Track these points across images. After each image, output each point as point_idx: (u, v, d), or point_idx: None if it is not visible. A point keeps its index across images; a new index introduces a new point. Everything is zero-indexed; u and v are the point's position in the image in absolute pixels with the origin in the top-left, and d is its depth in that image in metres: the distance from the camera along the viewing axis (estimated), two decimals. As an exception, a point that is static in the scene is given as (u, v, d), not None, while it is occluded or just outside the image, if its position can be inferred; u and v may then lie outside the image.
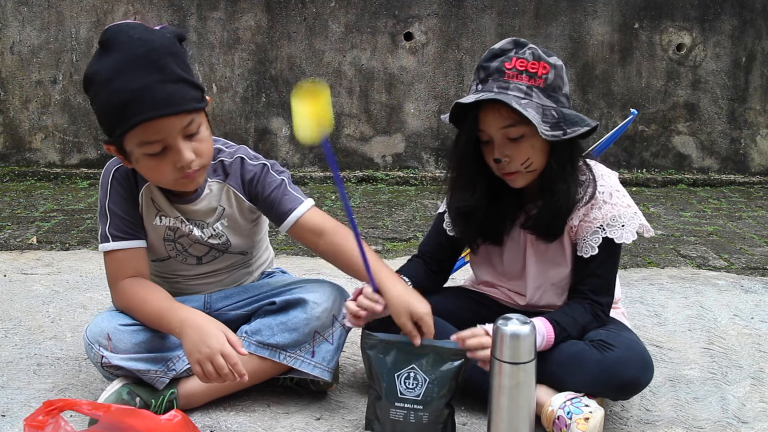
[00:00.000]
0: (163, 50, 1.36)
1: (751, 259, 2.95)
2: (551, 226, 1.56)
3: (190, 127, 1.41)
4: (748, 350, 2.00)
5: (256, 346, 1.58)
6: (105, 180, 1.58)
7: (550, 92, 1.48)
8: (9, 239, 3.10)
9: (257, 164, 1.62)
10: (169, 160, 1.42)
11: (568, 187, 1.52)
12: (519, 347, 1.35)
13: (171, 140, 1.40)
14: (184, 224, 1.61)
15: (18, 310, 2.23)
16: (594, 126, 1.50)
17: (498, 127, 1.49)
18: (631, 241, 1.55)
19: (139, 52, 1.34)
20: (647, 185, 4.64)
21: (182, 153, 1.41)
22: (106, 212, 1.56)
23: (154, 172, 1.46)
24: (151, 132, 1.37)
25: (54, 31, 4.54)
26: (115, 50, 1.35)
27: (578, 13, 4.64)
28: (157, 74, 1.34)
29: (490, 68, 1.49)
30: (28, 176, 4.56)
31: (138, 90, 1.33)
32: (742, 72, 4.77)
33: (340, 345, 1.61)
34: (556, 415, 1.46)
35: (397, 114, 4.70)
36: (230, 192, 1.62)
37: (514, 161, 1.51)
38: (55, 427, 1.26)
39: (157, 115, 1.35)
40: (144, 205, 1.59)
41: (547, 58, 1.48)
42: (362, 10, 4.59)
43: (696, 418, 1.62)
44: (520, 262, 1.68)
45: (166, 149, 1.41)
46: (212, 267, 1.71)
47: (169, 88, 1.36)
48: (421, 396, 1.44)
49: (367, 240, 3.18)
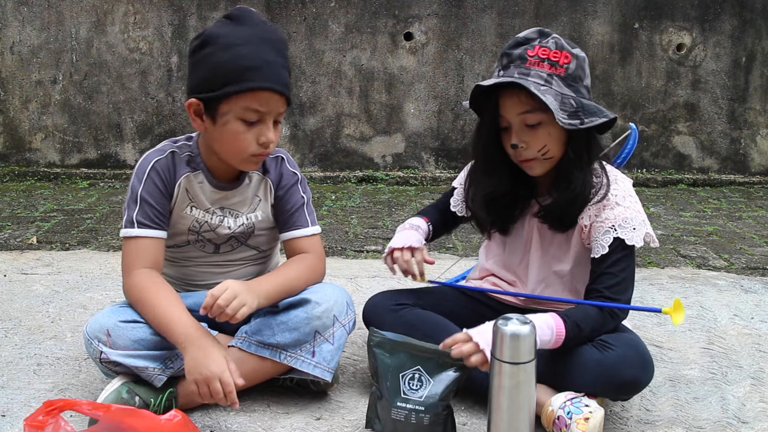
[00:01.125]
0: (284, 43, 1.55)
1: (751, 259, 2.95)
2: (565, 215, 1.57)
3: (281, 114, 1.54)
4: (748, 350, 2.00)
5: (256, 346, 1.58)
6: (142, 169, 1.61)
7: (571, 82, 1.49)
8: (9, 239, 3.10)
9: (293, 171, 1.73)
10: (256, 133, 1.51)
11: (584, 177, 1.54)
12: (519, 347, 1.35)
13: (268, 116, 1.51)
14: (215, 215, 1.67)
15: (18, 310, 2.23)
16: (613, 118, 1.51)
17: (516, 113, 1.51)
18: (640, 245, 1.55)
19: (269, 35, 1.50)
20: (647, 185, 4.64)
21: (270, 130, 1.52)
22: (137, 199, 1.59)
23: (236, 140, 1.51)
24: (261, 101, 1.48)
25: (54, 31, 4.54)
26: (246, 24, 1.48)
27: (578, 13, 4.64)
28: (281, 58, 1.50)
29: (513, 55, 1.51)
30: (28, 176, 4.56)
31: (266, 62, 1.47)
32: (742, 72, 4.77)
33: (340, 345, 1.61)
34: (556, 415, 1.46)
35: (397, 114, 4.70)
36: (268, 185, 1.70)
37: (531, 147, 1.52)
38: (55, 427, 1.26)
39: (276, 88, 1.48)
40: (178, 195, 1.63)
41: (570, 48, 1.50)
42: (362, 10, 4.59)
43: (696, 418, 1.62)
44: (521, 251, 1.69)
45: (259, 123, 1.51)
46: (226, 258, 1.74)
47: (285, 73, 1.51)
48: (424, 397, 1.44)
49: (367, 240, 3.18)
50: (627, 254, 1.54)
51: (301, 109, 4.67)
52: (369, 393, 1.64)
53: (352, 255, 2.95)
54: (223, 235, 1.69)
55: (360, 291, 2.42)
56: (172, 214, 1.65)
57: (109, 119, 4.65)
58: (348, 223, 3.50)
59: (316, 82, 4.65)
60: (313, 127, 4.71)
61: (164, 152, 1.62)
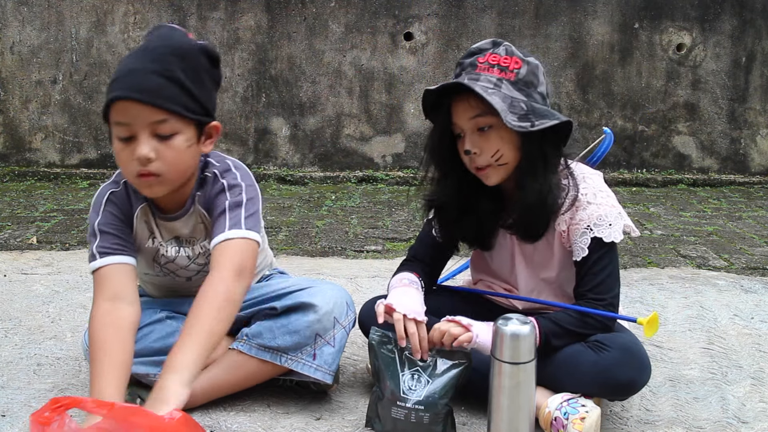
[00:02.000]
0: (175, 51, 1.39)
1: (751, 259, 2.95)
2: (529, 225, 1.55)
3: (161, 126, 1.39)
4: (748, 350, 2.00)
5: (257, 349, 1.57)
6: (98, 201, 1.56)
7: (522, 86, 1.48)
8: (9, 239, 3.10)
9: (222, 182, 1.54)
10: (131, 150, 1.39)
11: (540, 185, 1.50)
12: (519, 347, 1.35)
13: (138, 129, 1.38)
14: (171, 246, 1.59)
15: (18, 310, 2.23)
16: (565, 121, 1.48)
17: (467, 118, 1.50)
18: (620, 240, 1.53)
19: (154, 45, 1.40)
20: (647, 185, 4.64)
21: (142, 144, 1.38)
22: (96, 232, 1.52)
23: (119, 159, 1.43)
24: (121, 112, 1.37)
25: (54, 31, 4.54)
26: (145, 40, 1.44)
27: (578, 13, 4.64)
28: (152, 65, 1.36)
29: (465, 63, 1.53)
30: (28, 176, 4.56)
31: (130, 71, 1.37)
32: (742, 72, 4.77)
33: (341, 347, 1.60)
34: (553, 416, 1.47)
35: (397, 114, 4.70)
36: (200, 211, 1.57)
37: (484, 153, 1.50)
38: (60, 424, 1.26)
39: (130, 96, 1.35)
40: (137, 226, 1.57)
41: (522, 55, 1.50)
42: (362, 10, 4.59)
43: (696, 418, 1.62)
44: (508, 264, 1.68)
45: (132, 138, 1.39)
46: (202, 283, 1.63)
47: (154, 79, 1.36)
48: (423, 397, 1.44)
49: (367, 240, 3.18)
50: (607, 251, 1.53)
51: (301, 109, 4.67)
52: (369, 393, 1.64)
53: (352, 255, 2.95)
54: (184, 266, 1.63)
55: (360, 291, 2.42)
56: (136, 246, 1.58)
57: (109, 119, 4.65)
58: (348, 223, 3.50)
59: (316, 82, 4.65)
60: (313, 127, 4.71)
61: (118, 184, 1.56)
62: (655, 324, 1.52)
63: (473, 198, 1.62)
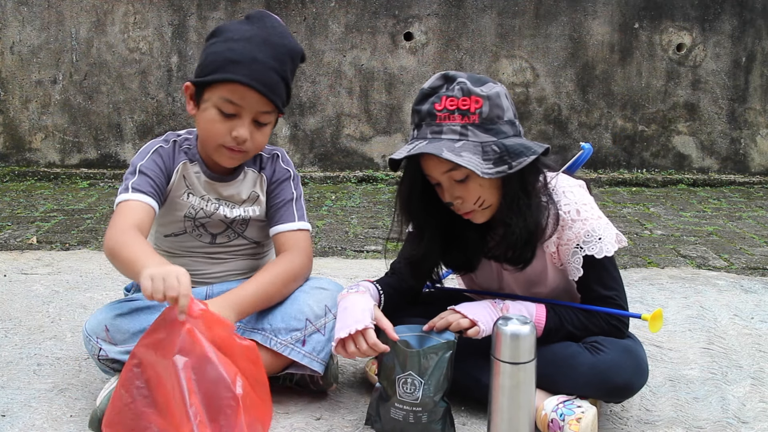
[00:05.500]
0: (290, 53, 1.58)
1: (751, 259, 2.95)
2: (514, 256, 1.51)
3: (264, 116, 1.58)
4: (748, 350, 2.00)
5: (250, 332, 1.60)
6: (146, 150, 1.66)
7: (489, 125, 1.41)
8: (9, 239, 3.10)
9: (285, 168, 1.76)
10: (230, 126, 1.55)
11: (524, 219, 1.46)
12: (519, 347, 1.35)
13: (245, 112, 1.55)
14: (210, 203, 1.70)
15: (18, 310, 2.23)
16: (543, 150, 1.43)
17: (440, 172, 1.45)
18: (613, 252, 1.49)
19: (274, 40, 1.55)
20: (647, 185, 4.64)
21: (244, 127, 1.56)
22: (136, 171, 1.61)
23: (210, 127, 1.57)
24: (236, 94, 1.53)
25: (54, 31, 4.54)
26: (255, 24, 1.56)
27: (578, 13, 4.64)
28: (274, 62, 1.54)
29: (422, 112, 1.43)
30: (28, 176, 4.56)
31: (253, 60, 1.52)
32: (742, 72, 4.77)
33: (331, 337, 1.60)
34: (550, 418, 1.47)
35: (397, 114, 4.70)
36: (263, 180, 1.74)
37: (467, 202, 1.47)
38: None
39: (253, 85, 1.51)
40: (175, 180, 1.67)
41: (478, 90, 1.40)
42: (362, 10, 4.59)
43: (696, 418, 1.62)
44: (495, 283, 1.67)
45: (235, 117, 1.55)
46: (222, 249, 1.76)
47: (274, 76, 1.54)
48: (419, 399, 1.44)
49: (367, 240, 3.18)
50: (603, 264, 1.50)
51: (301, 109, 4.67)
52: (369, 393, 1.64)
53: (352, 255, 2.95)
54: (218, 222, 1.72)
55: (360, 291, 2.42)
56: (167, 199, 1.68)
57: (109, 119, 4.65)
58: (348, 223, 3.50)
59: (316, 82, 4.65)
60: (313, 127, 4.71)
61: (167, 141, 1.69)
62: (659, 319, 1.51)
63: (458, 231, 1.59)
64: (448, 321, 1.51)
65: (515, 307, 1.52)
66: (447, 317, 1.52)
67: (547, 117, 4.74)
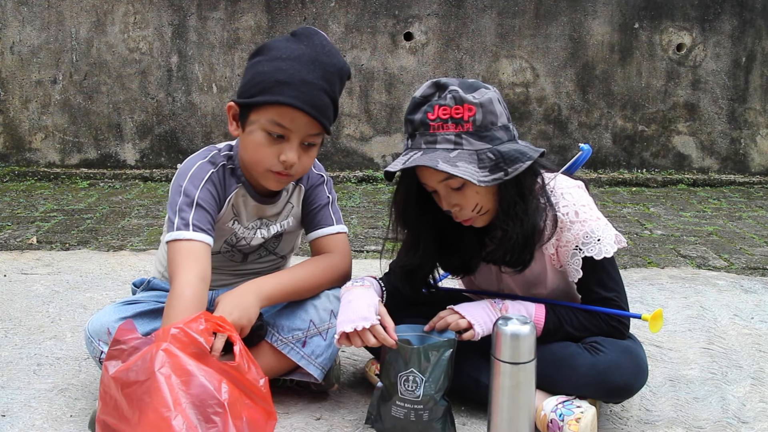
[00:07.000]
0: (339, 72, 1.53)
1: (751, 259, 2.95)
2: (512, 260, 1.51)
3: (313, 138, 1.53)
4: (748, 350, 2.00)
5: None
6: (198, 176, 1.57)
7: (483, 132, 1.40)
8: (9, 239, 3.10)
9: (318, 174, 1.74)
10: (278, 149, 1.50)
11: (522, 223, 1.46)
12: (519, 347, 1.35)
13: (293, 135, 1.50)
14: (251, 229, 1.68)
15: (18, 310, 2.23)
16: (539, 155, 1.43)
17: (437, 181, 1.45)
18: (612, 253, 1.48)
19: (323, 59, 1.49)
20: (647, 185, 4.64)
21: (293, 150, 1.50)
22: (194, 203, 1.53)
23: (258, 151, 1.51)
24: (285, 117, 1.47)
25: (54, 31, 4.54)
26: (303, 43, 1.50)
27: (578, 13, 4.64)
28: (324, 84, 1.49)
29: (415, 122, 1.43)
30: (28, 176, 4.56)
31: (304, 82, 1.46)
32: (742, 72, 4.77)
33: (332, 342, 1.59)
34: (549, 418, 1.47)
35: (397, 114, 4.70)
36: (301, 192, 1.72)
37: (464, 209, 1.47)
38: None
39: (304, 108, 1.46)
40: (226, 210, 1.63)
41: (470, 97, 1.39)
42: (362, 10, 4.59)
43: (696, 418, 1.62)
44: (494, 284, 1.67)
45: (283, 139, 1.50)
46: (251, 266, 1.76)
47: (324, 99, 1.49)
48: (421, 396, 1.45)
49: (367, 240, 3.18)
50: (603, 265, 1.50)
51: (301, 109, 4.67)
52: (369, 393, 1.64)
53: (352, 255, 2.95)
54: (254, 246, 1.71)
55: (360, 291, 2.42)
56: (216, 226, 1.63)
57: (109, 119, 4.65)
58: (348, 223, 3.50)
59: (316, 82, 4.65)
60: (313, 127, 4.70)
61: (216, 164, 1.60)
62: (659, 319, 1.51)
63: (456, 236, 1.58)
64: (447, 322, 1.52)
65: (514, 307, 1.52)
66: (446, 318, 1.52)
67: (547, 117, 4.74)
